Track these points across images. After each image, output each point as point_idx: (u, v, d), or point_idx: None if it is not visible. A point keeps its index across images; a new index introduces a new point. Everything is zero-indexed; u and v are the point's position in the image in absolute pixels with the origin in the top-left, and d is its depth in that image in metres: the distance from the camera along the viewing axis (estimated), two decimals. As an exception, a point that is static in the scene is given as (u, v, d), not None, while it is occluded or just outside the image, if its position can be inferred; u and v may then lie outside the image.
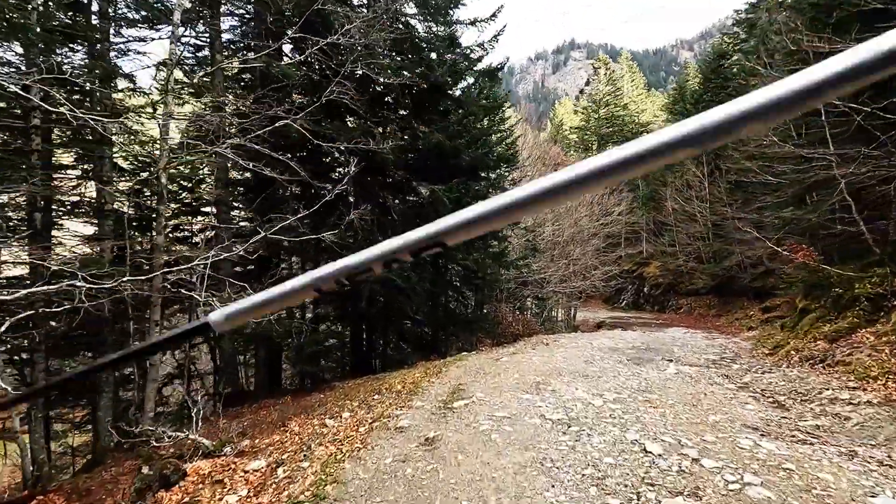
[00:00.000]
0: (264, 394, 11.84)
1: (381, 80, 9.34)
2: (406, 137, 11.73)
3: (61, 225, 10.77)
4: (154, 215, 8.56)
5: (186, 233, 13.93)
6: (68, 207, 10.65)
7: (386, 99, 13.47)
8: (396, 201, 12.09)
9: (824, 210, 11.35)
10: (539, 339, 12.52)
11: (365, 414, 6.39)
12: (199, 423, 6.27)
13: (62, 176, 10.43)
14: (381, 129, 10.53)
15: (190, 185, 13.29)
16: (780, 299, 22.31)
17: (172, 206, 13.75)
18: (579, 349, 10.29)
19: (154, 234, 8.63)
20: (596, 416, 5.19)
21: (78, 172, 10.75)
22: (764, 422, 5.32)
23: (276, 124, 8.09)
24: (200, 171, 13.37)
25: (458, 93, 13.48)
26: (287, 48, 12.68)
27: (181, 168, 13.32)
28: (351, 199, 11.94)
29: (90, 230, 11.01)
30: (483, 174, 13.75)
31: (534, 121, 26.86)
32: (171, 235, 14.09)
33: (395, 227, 11.49)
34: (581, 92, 44.44)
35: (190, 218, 13.91)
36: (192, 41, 11.83)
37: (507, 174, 16.51)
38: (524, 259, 13.07)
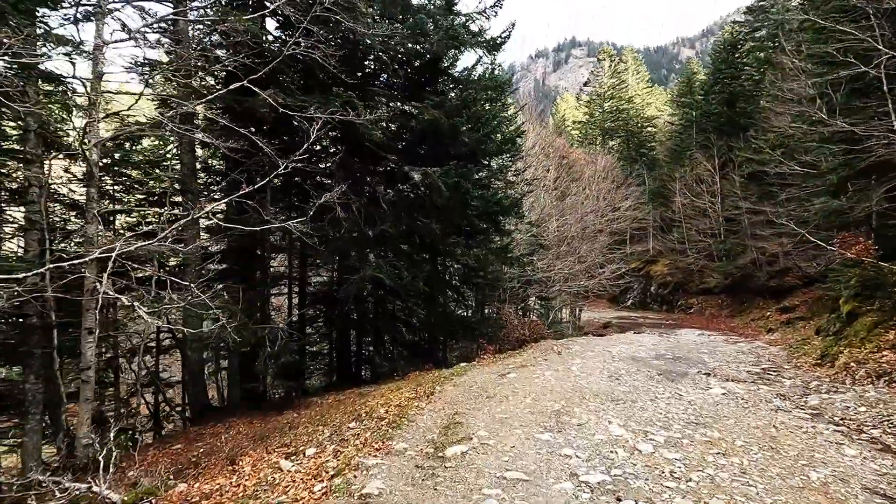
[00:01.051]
0: (236, 409, 10.22)
1: (364, 33, 7.65)
2: (397, 114, 10.09)
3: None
4: (85, 200, 6.92)
5: (154, 226, 12.27)
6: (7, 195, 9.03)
7: (379, 78, 11.81)
8: (388, 190, 10.42)
9: (881, 198, 9.67)
10: (548, 345, 10.87)
11: (331, 456, 4.74)
12: (111, 468, 4.63)
13: None
14: (367, 106, 8.86)
15: (155, 170, 11.64)
16: (799, 299, 20.66)
17: (139, 196, 12.17)
18: (598, 359, 8.64)
19: (84, 223, 6.99)
20: (651, 475, 3.55)
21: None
22: (888, 480, 3.68)
23: (232, 86, 6.44)
24: (167, 155, 11.75)
25: (457, 74, 11.80)
26: (271, 26, 11.04)
27: (145, 151, 11.73)
28: (340, 188, 10.28)
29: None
30: (485, 161, 12.07)
31: (536, 112, 25.12)
32: (137, 229, 12.48)
33: (385, 217, 9.83)
34: (585, 84, 42.73)
35: (158, 209, 12.25)
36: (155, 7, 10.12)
37: (510, 163, 14.86)
38: (530, 255, 11.37)
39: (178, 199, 11.58)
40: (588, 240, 20.75)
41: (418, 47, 10.65)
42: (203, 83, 10.73)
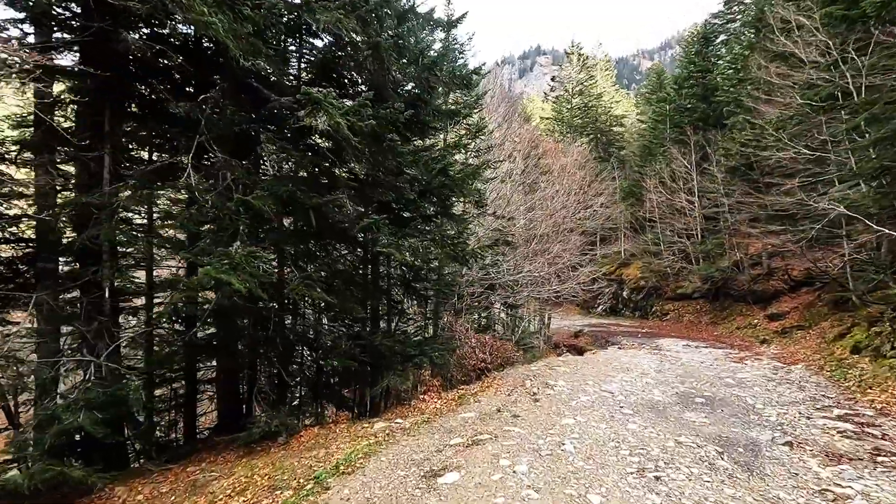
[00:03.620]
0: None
1: None
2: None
3: None
4: None
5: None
6: None
7: None
8: (272, 147, 6.54)
9: None
10: (518, 379, 7.24)
11: None
12: None
13: None
14: None
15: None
16: (787, 304, 17.98)
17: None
18: (599, 412, 5.10)
19: None
20: None
21: None
22: None
23: None
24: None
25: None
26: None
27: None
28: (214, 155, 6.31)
29: None
30: (428, 119, 8.32)
31: (502, 91, 21.73)
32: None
33: (265, 185, 5.95)
34: (552, 79, 39.96)
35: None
36: None
37: (468, 140, 11.26)
38: (491, 247, 7.76)
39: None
40: (561, 239, 17.42)
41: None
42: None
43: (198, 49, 6.77)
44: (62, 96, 6.74)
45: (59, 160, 6.62)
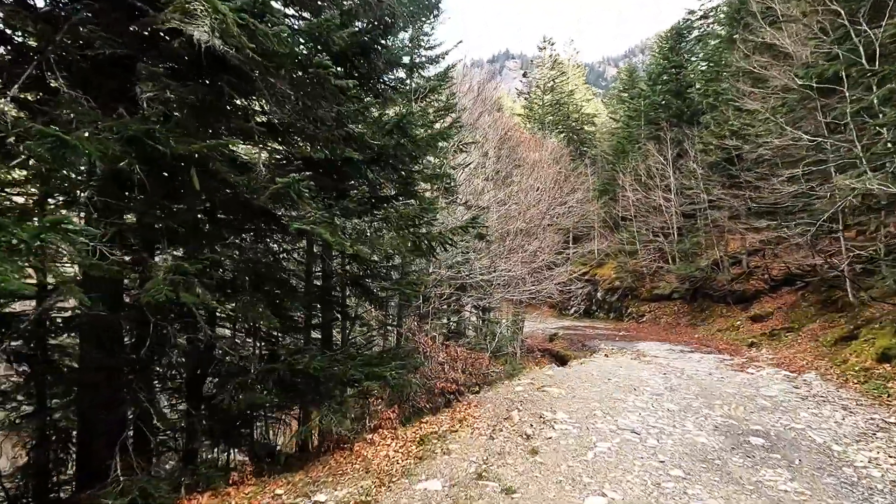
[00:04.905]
0: None
1: None
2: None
3: None
4: None
5: None
6: None
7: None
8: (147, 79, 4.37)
9: None
10: (501, 408, 5.31)
11: None
12: None
13: None
14: None
15: None
16: (769, 305, 16.92)
17: None
18: (631, 474, 3.24)
19: None
20: None
21: None
22: None
23: None
24: None
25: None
26: None
27: None
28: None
29: None
30: (378, 69, 6.35)
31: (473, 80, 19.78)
32: None
33: (115, 125, 3.81)
34: (519, 93, 38.72)
35: None
36: None
37: (440, 103, 9.43)
38: (465, 229, 5.78)
39: None
40: (537, 236, 15.73)
41: None
42: None
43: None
44: None
45: None
